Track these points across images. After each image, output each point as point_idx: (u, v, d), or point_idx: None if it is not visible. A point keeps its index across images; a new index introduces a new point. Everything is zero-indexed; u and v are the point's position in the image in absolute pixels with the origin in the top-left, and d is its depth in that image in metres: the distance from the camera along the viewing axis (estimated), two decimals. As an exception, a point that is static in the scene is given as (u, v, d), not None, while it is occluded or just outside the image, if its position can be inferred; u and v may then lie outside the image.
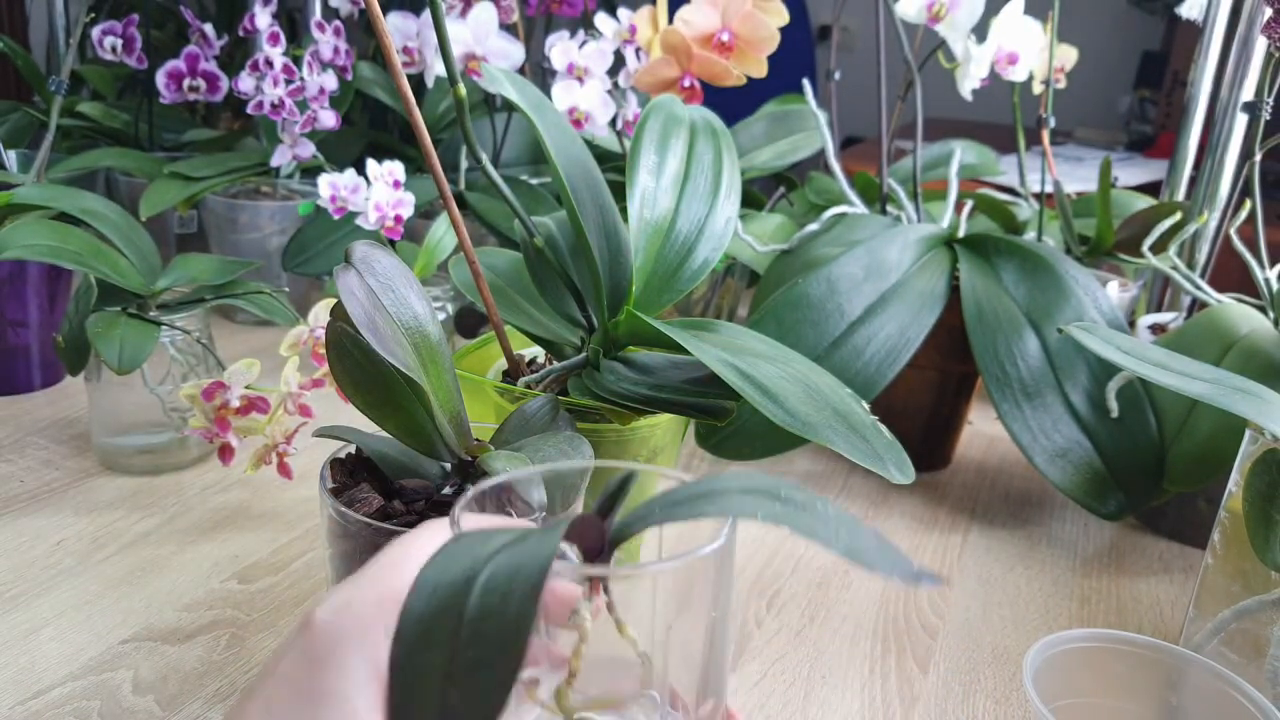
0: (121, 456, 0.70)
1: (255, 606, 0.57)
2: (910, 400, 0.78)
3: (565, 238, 0.58)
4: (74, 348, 0.65)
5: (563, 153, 0.54)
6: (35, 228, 0.67)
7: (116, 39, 0.95)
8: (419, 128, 0.49)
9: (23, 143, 1.00)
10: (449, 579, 0.26)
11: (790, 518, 0.26)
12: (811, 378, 0.51)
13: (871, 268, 0.72)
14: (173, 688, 0.50)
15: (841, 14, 1.12)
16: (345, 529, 0.41)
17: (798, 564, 0.65)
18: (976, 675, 0.56)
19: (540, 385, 0.56)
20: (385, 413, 0.43)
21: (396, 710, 0.26)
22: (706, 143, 0.60)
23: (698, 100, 0.76)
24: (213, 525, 0.64)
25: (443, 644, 0.25)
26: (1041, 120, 0.88)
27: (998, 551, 0.69)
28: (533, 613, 0.24)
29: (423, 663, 0.25)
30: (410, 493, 0.44)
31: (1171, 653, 0.45)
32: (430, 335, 0.43)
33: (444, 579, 0.26)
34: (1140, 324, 0.81)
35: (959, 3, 0.80)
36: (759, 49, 0.76)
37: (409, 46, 0.86)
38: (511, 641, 0.24)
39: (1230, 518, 0.52)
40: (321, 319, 0.60)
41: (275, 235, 0.96)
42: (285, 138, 0.89)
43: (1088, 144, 2.12)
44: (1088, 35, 2.47)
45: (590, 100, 0.81)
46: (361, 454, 0.46)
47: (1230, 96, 0.84)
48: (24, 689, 0.49)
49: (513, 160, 1.05)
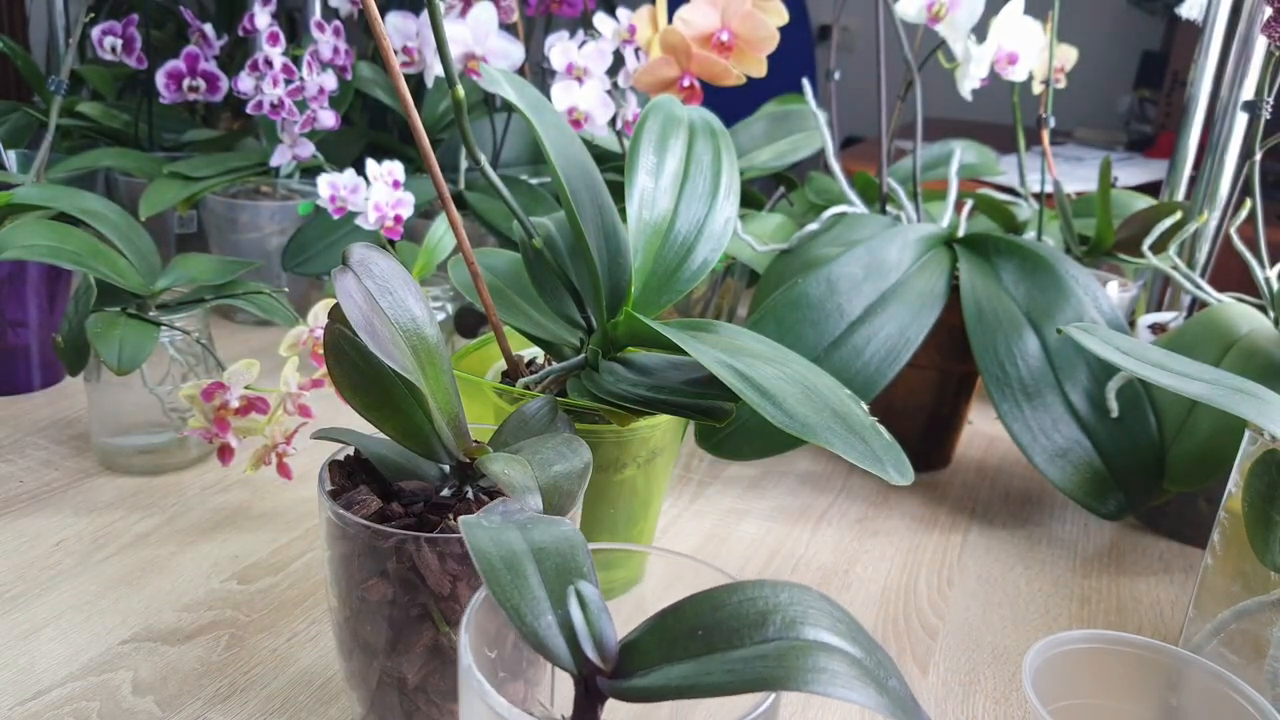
0: (121, 457, 0.70)
1: (255, 607, 0.57)
2: (910, 400, 0.78)
3: (564, 238, 0.58)
4: (73, 348, 0.65)
5: (561, 153, 0.54)
6: (35, 228, 0.67)
7: (116, 39, 0.95)
8: (417, 129, 0.48)
9: (22, 143, 1.00)
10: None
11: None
12: (810, 378, 0.51)
13: (871, 267, 0.72)
14: (172, 688, 0.50)
15: (841, 14, 1.12)
16: (344, 531, 0.41)
17: (798, 564, 0.65)
18: (976, 676, 0.56)
19: (539, 386, 0.56)
20: (383, 415, 0.43)
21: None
22: (705, 143, 0.60)
23: (697, 100, 0.76)
24: (212, 525, 0.64)
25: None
26: (1041, 120, 0.88)
27: (998, 551, 0.69)
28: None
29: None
30: (409, 495, 0.44)
31: (1171, 654, 0.45)
32: (428, 337, 0.43)
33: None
34: (1140, 324, 0.81)
35: (959, 3, 0.80)
36: (758, 49, 0.76)
37: (409, 46, 0.86)
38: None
39: (1230, 518, 0.52)
40: (321, 319, 0.60)
41: (275, 235, 0.96)
42: (285, 138, 0.89)
43: (1088, 144, 2.12)
44: (1088, 35, 2.47)
45: (589, 100, 0.81)
46: (360, 456, 0.46)
47: (1230, 96, 0.84)
48: (23, 690, 0.49)
49: (512, 160, 1.05)
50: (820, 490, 0.76)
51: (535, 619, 0.28)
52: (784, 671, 0.25)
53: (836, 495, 0.75)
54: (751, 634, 0.26)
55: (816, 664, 0.25)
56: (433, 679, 0.41)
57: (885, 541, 0.69)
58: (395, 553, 0.40)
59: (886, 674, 0.27)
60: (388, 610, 0.41)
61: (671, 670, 0.27)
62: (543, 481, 0.39)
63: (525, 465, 0.40)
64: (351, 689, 0.45)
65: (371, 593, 0.41)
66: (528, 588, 0.28)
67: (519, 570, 0.29)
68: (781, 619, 0.27)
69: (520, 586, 0.28)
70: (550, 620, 0.28)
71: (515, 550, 0.29)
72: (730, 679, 0.25)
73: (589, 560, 0.30)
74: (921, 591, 0.64)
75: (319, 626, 0.55)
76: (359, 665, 0.43)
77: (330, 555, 0.43)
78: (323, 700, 0.50)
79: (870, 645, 0.27)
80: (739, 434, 0.67)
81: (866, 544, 0.69)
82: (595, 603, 0.28)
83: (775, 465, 0.79)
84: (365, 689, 0.44)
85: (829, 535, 0.69)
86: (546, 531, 0.31)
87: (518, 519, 0.32)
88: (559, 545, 0.30)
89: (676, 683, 0.26)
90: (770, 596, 0.27)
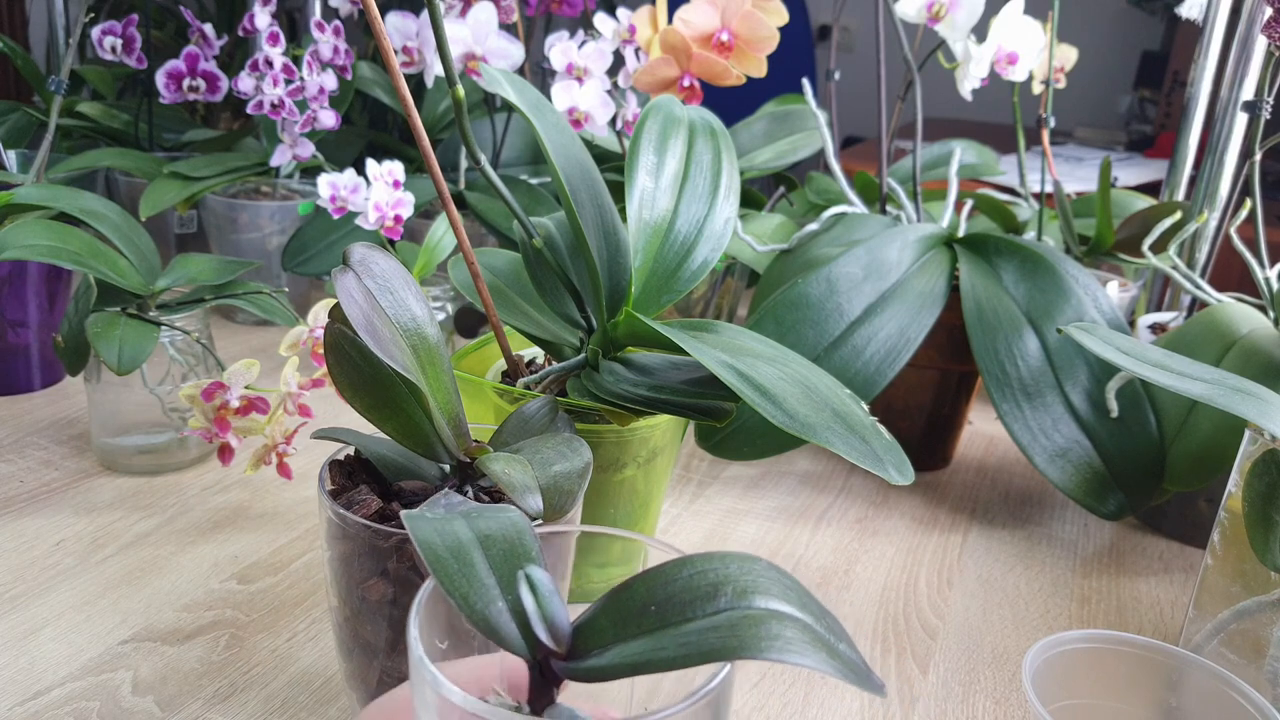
0: (121, 457, 0.70)
1: (255, 607, 0.57)
2: (910, 400, 0.78)
3: (564, 238, 0.58)
4: (73, 348, 0.65)
5: (561, 153, 0.54)
6: (35, 228, 0.67)
7: (116, 39, 0.95)
8: (417, 129, 0.49)
9: (22, 143, 1.00)
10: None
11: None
12: (811, 378, 0.51)
13: (871, 267, 0.72)
14: (172, 688, 0.50)
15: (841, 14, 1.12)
16: (344, 531, 0.41)
17: (797, 563, 0.65)
18: (976, 676, 0.56)
19: (539, 386, 0.56)
20: (384, 414, 0.43)
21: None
22: (705, 143, 0.60)
23: (697, 100, 0.76)
24: (212, 525, 0.64)
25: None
26: (1041, 120, 0.88)
27: (997, 551, 0.69)
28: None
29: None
30: (409, 494, 0.44)
31: (1171, 654, 0.45)
32: (429, 337, 0.43)
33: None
34: (1140, 324, 0.81)
35: (959, 3, 0.80)
36: (758, 49, 0.76)
37: (408, 46, 0.86)
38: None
39: (1230, 518, 0.52)
40: (321, 319, 0.60)
41: (275, 235, 0.96)
42: (285, 137, 0.89)
43: (1088, 144, 2.12)
44: (1087, 35, 2.47)
45: (589, 100, 0.81)
46: (360, 456, 0.46)
47: (1230, 96, 0.84)
48: (23, 690, 0.49)
49: (512, 160, 1.05)
50: (820, 490, 0.76)
51: (485, 606, 0.28)
52: (737, 641, 0.26)
53: (836, 495, 0.75)
54: (703, 606, 0.27)
55: (770, 632, 0.26)
56: (433, 679, 0.41)
57: (885, 541, 0.69)
58: (395, 552, 0.40)
59: (837, 639, 0.27)
60: (388, 610, 0.41)
61: (625, 648, 0.27)
62: (543, 481, 0.39)
63: (526, 465, 0.40)
64: (351, 689, 0.45)
65: (372, 592, 0.41)
66: (475, 575, 0.28)
67: (466, 559, 0.29)
68: (732, 590, 0.27)
69: (468, 574, 0.28)
70: (501, 606, 0.28)
71: (461, 539, 0.29)
72: (685, 652, 0.26)
73: (536, 544, 0.30)
74: (921, 591, 0.64)
75: (319, 626, 0.55)
76: (359, 665, 0.43)
77: (330, 555, 0.43)
78: (323, 700, 0.50)
79: (820, 611, 0.28)
80: (739, 434, 0.67)
81: (866, 544, 0.69)
82: (545, 586, 0.28)
83: (775, 465, 0.79)
84: (365, 689, 0.44)
85: (829, 535, 0.69)
86: (492, 519, 0.31)
87: (462, 509, 0.32)
88: (505, 532, 0.30)
89: (631, 660, 0.26)
90: (720, 568, 0.28)
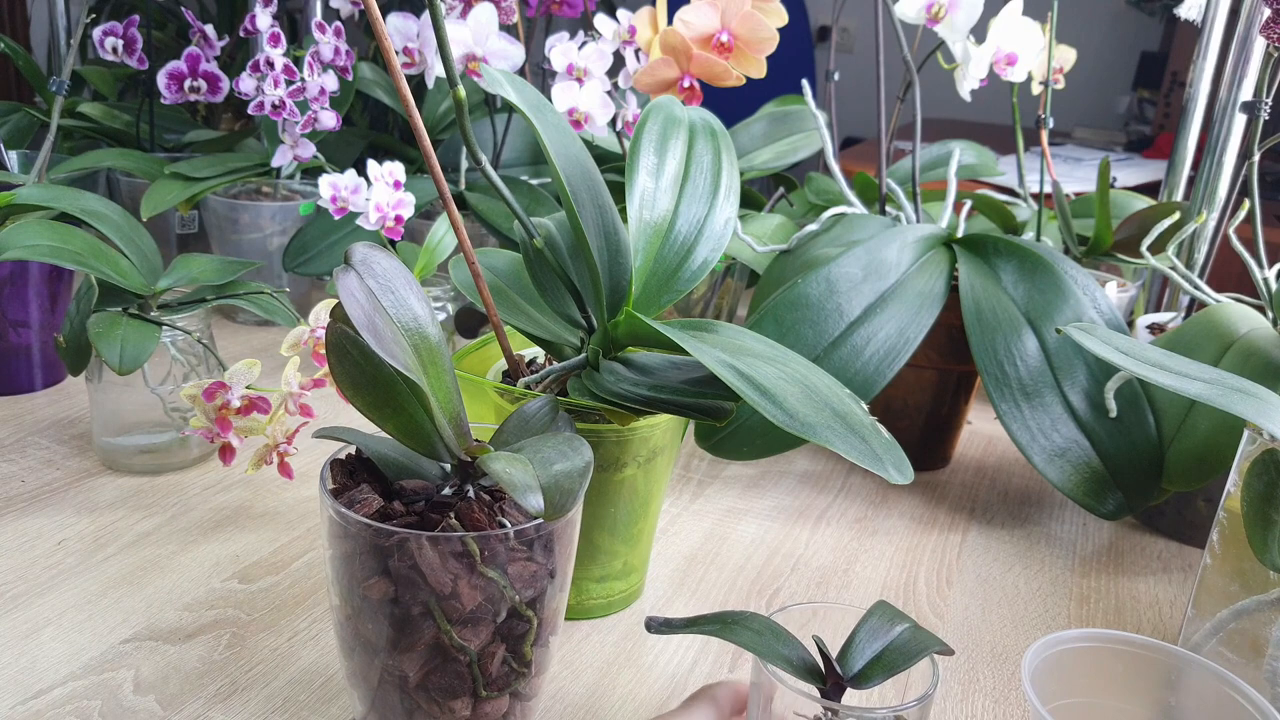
0: (122, 456, 0.70)
1: (256, 606, 0.57)
2: (909, 400, 0.78)
3: (565, 238, 0.58)
4: (75, 348, 0.65)
5: (562, 154, 0.54)
6: (36, 228, 0.67)
7: (117, 40, 0.95)
8: (418, 129, 0.49)
9: (24, 143, 1.00)
10: None
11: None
12: (810, 378, 0.51)
13: (870, 268, 0.72)
14: (174, 687, 0.50)
15: (841, 14, 1.12)
16: (345, 530, 0.41)
17: (797, 563, 0.66)
18: (975, 675, 0.56)
19: (540, 386, 0.56)
20: (385, 414, 0.43)
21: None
22: (705, 144, 0.60)
23: (697, 101, 0.76)
24: (214, 525, 0.64)
25: None
26: (1040, 121, 0.89)
27: (997, 551, 0.69)
28: None
29: None
30: (410, 494, 0.44)
31: (1170, 653, 0.45)
32: (430, 336, 0.43)
33: None
34: (1139, 324, 0.82)
35: (958, 4, 0.80)
36: (758, 50, 0.76)
37: (409, 47, 0.86)
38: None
39: (1229, 518, 0.52)
40: (322, 319, 0.60)
41: (276, 235, 0.96)
42: (286, 138, 0.89)
43: (1086, 144, 2.12)
44: (1086, 36, 2.47)
45: (590, 101, 0.81)
46: (361, 455, 0.46)
47: (1229, 96, 0.84)
48: (25, 689, 0.49)
49: (513, 161, 1.05)
50: (820, 490, 0.76)
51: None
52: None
53: (836, 495, 0.75)
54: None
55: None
56: (434, 677, 0.42)
57: (885, 541, 0.69)
58: (397, 551, 0.40)
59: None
60: (389, 608, 0.41)
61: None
62: (544, 480, 0.39)
63: (526, 464, 0.40)
64: (352, 687, 0.45)
65: (373, 591, 0.41)
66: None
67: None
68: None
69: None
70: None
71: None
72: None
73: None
74: (921, 591, 0.64)
75: (320, 625, 0.56)
76: (360, 664, 0.43)
77: (332, 554, 0.43)
78: (324, 699, 0.50)
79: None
80: (739, 434, 0.67)
81: (866, 543, 0.69)
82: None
83: (775, 465, 0.79)
84: (366, 687, 0.44)
85: (828, 535, 0.70)
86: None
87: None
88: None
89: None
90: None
